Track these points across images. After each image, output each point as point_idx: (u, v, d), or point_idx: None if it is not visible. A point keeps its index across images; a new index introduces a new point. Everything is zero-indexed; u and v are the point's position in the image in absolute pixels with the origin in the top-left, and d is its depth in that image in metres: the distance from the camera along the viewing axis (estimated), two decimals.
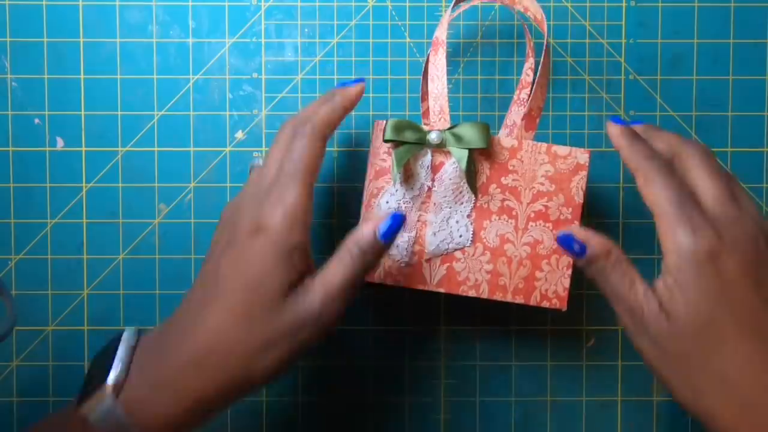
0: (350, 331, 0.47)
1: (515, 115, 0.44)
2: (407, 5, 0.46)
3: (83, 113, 0.46)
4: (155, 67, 0.46)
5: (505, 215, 0.41)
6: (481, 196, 0.41)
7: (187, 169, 0.46)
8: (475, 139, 0.40)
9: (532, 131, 0.42)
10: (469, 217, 0.41)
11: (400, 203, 0.41)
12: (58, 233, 0.46)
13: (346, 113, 0.40)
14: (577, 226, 0.39)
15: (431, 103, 0.41)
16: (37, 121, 0.46)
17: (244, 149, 0.46)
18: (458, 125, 0.41)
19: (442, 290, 0.41)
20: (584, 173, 0.41)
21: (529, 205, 0.41)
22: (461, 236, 0.41)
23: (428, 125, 0.41)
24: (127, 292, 0.46)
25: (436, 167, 0.41)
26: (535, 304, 0.41)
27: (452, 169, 0.41)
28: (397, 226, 0.38)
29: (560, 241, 0.38)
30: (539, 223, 0.41)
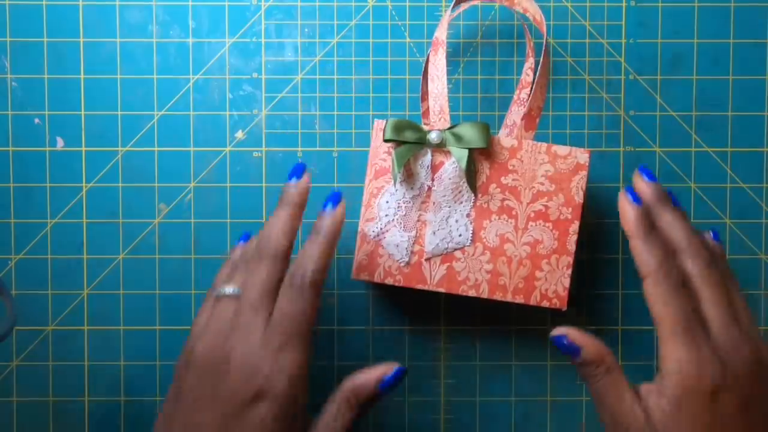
0: (350, 331, 0.47)
1: (515, 115, 0.44)
2: (407, 5, 0.46)
3: (83, 113, 0.46)
4: (155, 67, 0.46)
5: (505, 215, 0.41)
6: (481, 195, 0.41)
7: (187, 169, 0.46)
8: (475, 138, 0.40)
9: (532, 131, 0.42)
10: (468, 216, 0.41)
11: (400, 203, 0.41)
12: (58, 233, 0.46)
13: (335, 247, 0.38)
14: (573, 329, 0.38)
15: (431, 103, 0.41)
16: (37, 121, 0.46)
17: (244, 149, 0.46)
18: (458, 125, 0.41)
19: (442, 290, 0.41)
20: (584, 173, 0.41)
21: (529, 204, 0.41)
22: (461, 236, 0.41)
23: (428, 125, 0.41)
24: (127, 292, 0.46)
25: (435, 167, 0.41)
26: (535, 304, 0.41)
27: (452, 168, 0.41)
28: (399, 379, 0.38)
29: (554, 341, 0.38)
30: (539, 222, 0.41)
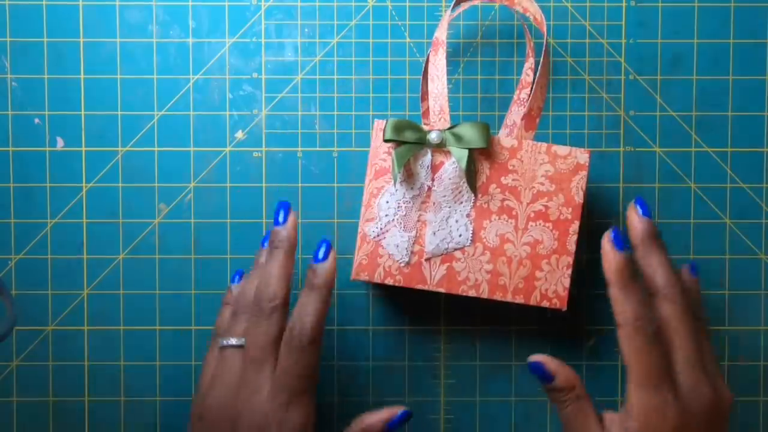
0: (350, 331, 0.47)
1: (515, 115, 0.44)
2: (407, 5, 0.46)
3: (83, 113, 0.46)
4: (155, 67, 0.46)
5: (505, 215, 0.41)
6: (481, 195, 0.41)
7: (187, 169, 0.46)
8: (475, 138, 0.40)
9: (532, 131, 0.42)
10: (468, 216, 0.41)
11: (400, 203, 0.41)
12: (58, 233, 0.46)
13: (330, 296, 0.39)
14: (550, 358, 0.39)
15: (431, 103, 0.41)
16: (37, 121, 0.46)
17: (244, 149, 0.46)
18: (458, 125, 0.41)
19: (442, 290, 0.41)
20: (584, 173, 0.41)
21: (529, 205, 0.41)
22: (461, 236, 0.41)
23: (428, 125, 0.41)
24: (127, 292, 0.46)
25: (436, 167, 0.41)
26: (535, 303, 0.41)
27: (452, 168, 0.41)
28: (404, 422, 0.39)
29: (531, 367, 0.39)
30: (539, 223, 0.41)
